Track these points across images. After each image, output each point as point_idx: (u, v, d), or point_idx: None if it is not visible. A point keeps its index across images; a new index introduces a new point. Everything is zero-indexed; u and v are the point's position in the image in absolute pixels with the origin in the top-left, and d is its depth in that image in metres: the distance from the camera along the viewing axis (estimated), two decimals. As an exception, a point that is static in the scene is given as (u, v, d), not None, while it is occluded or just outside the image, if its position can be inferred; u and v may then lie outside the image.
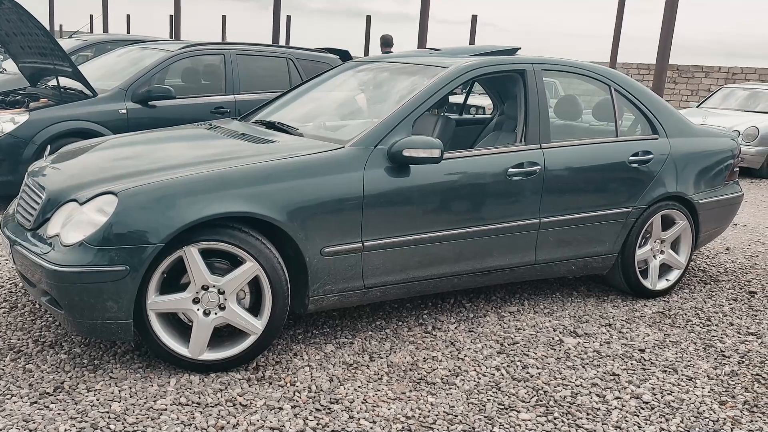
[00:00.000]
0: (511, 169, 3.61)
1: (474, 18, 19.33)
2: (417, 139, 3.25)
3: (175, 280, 2.94)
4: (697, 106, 11.79)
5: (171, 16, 24.77)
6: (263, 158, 3.14)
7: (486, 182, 3.55)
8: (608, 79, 4.14)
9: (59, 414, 2.59)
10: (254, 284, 3.03)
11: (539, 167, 3.70)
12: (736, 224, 6.64)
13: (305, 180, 3.09)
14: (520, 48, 4.08)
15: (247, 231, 2.96)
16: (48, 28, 5.61)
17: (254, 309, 3.07)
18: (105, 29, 22.73)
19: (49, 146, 4.07)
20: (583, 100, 4.63)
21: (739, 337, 3.76)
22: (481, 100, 10.62)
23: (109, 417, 2.59)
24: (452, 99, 7.98)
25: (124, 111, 5.93)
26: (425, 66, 3.87)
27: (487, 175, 3.55)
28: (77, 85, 5.97)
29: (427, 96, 3.50)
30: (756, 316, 4.10)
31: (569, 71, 4.05)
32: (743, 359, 3.48)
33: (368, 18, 22.51)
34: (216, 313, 2.95)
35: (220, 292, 2.94)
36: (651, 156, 4.10)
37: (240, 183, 2.97)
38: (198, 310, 2.92)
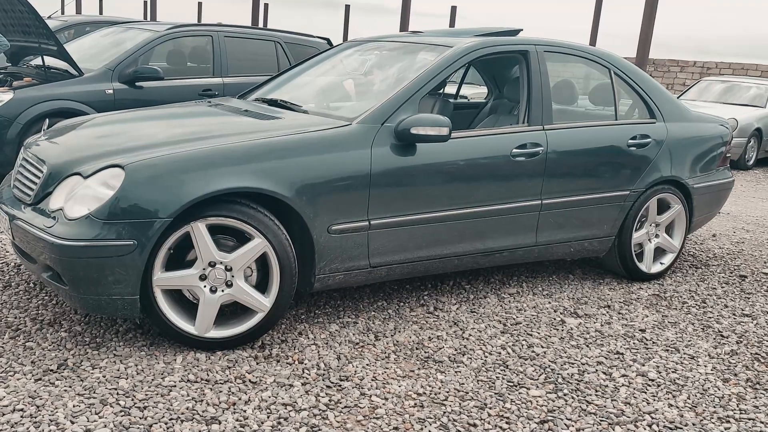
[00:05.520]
0: (515, 150, 3.61)
1: (453, 9, 19.34)
2: (425, 117, 3.22)
3: (180, 257, 2.89)
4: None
5: (145, 3, 24.38)
6: (270, 134, 3.09)
7: (491, 162, 3.53)
8: (608, 62, 4.15)
9: (66, 390, 2.53)
10: (261, 262, 2.99)
11: (542, 148, 3.70)
12: (719, 212, 6.74)
13: (313, 156, 3.05)
14: (522, 29, 4.07)
15: (255, 207, 2.91)
16: None
17: (260, 287, 3.02)
18: (78, 12, 22.25)
19: (47, 120, 3.96)
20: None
21: (734, 318, 3.81)
22: (466, 90, 10.60)
23: (117, 393, 2.53)
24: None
25: (110, 91, 5.80)
26: (429, 45, 3.84)
27: (492, 155, 3.54)
28: (62, 65, 5.83)
29: (433, 74, 3.47)
30: (749, 298, 4.17)
31: (571, 53, 4.05)
32: (741, 339, 3.53)
33: (347, 7, 22.43)
34: (223, 290, 2.90)
35: (227, 269, 2.89)
36: (649, 140, 4.13)
37: (248, 158, 2.91)
38: (204, 287, 2.87)
